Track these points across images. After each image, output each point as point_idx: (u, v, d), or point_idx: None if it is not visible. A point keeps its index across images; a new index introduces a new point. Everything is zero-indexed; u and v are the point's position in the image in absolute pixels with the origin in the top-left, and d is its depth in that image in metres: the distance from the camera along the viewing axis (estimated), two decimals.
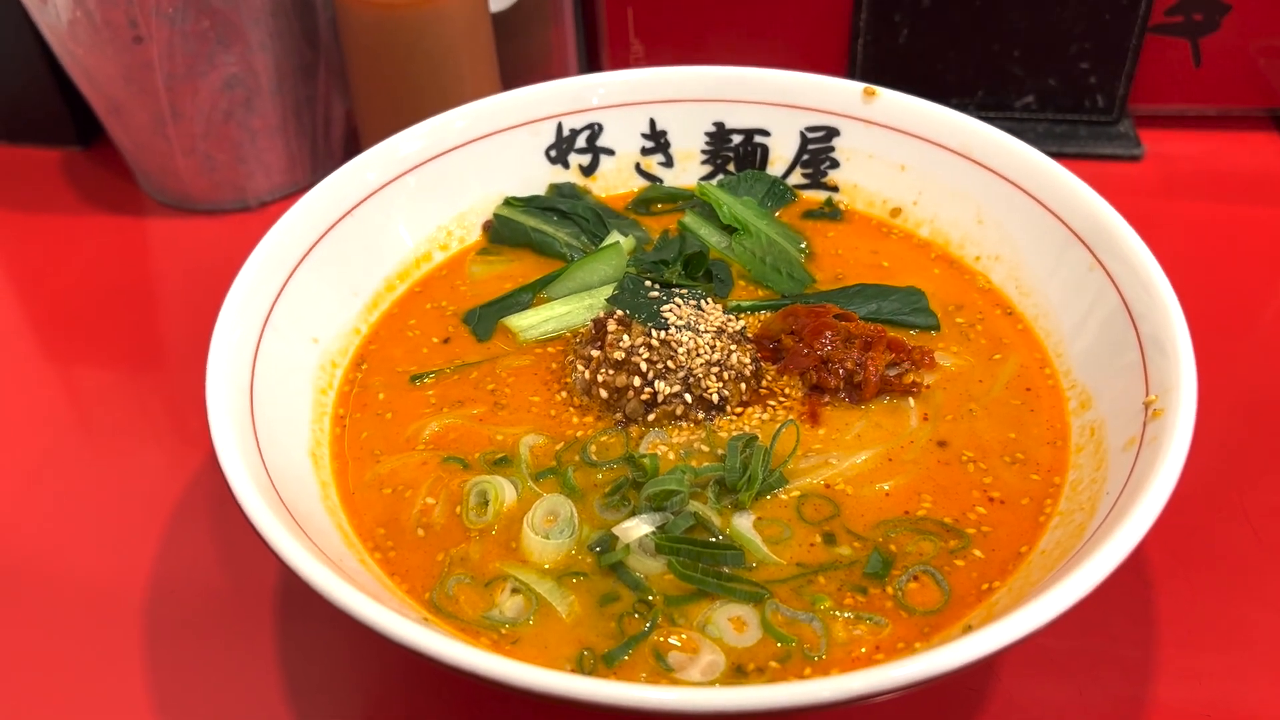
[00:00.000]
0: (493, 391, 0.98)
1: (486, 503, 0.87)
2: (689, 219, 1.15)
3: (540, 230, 1.13)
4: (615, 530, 0.82)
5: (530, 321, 1.03)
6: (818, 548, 0.83)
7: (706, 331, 0.94)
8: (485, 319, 1.05)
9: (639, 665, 0.75)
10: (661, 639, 0.76)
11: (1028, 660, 0.88)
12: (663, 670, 0.75)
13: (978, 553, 0.83)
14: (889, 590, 0.80)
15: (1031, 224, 1.04)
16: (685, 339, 0.93)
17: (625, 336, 0.94)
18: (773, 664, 0.75)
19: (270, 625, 0.93)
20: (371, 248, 1.07)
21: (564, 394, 0.97)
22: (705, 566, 0.79)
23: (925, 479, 0.88)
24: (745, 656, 0.76)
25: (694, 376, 0.92)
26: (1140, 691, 0.85)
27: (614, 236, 1.12)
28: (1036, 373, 0.98)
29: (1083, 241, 0.99)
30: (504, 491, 0.87)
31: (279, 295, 0.95)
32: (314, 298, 0.99)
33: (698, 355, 0.93)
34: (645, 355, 0.92)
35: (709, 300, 0.99)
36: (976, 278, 1.09)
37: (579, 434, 0.93)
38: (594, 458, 0.90)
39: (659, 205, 1.20)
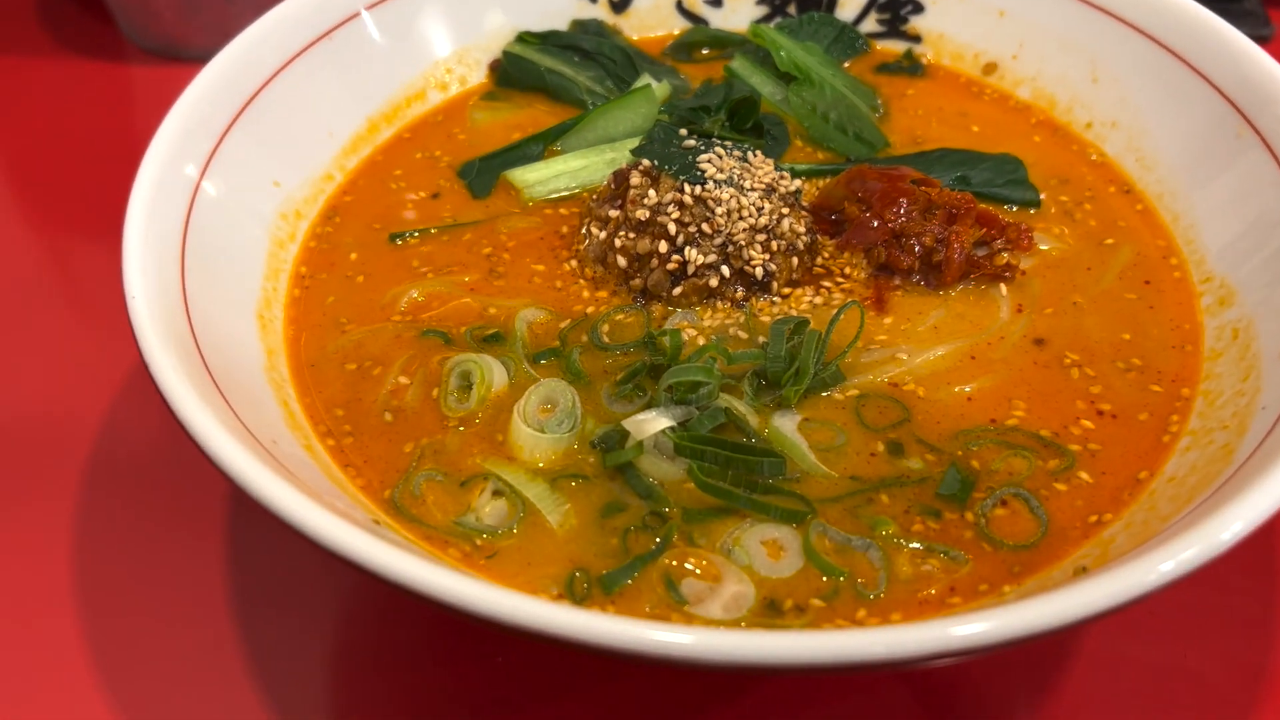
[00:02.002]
0: (488, 256, 0.84)
1: (470, 385, 0.73)
2: (738, 63, 1.00)
3: (557, 72, 0.98)
4: (626, 424, 0.68)
5: (539, 176, 0.89)
6: (879, 459, 0.69)
7: (753, 190, 0.77)
8: (485, 173, 0.92)
9: (644, 593, 0.63)
10: (675, 562, 0.64)
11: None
12: (674, 602, 0.63)
13: (1084, 476, 0.69)
14: (969, 516, 0.67)
15: (1162, 81, 0.89)
16: (726, 196, 0.76)
17: (651, 192, 0.77)
18: (815, 601, 0.63)
19: (219, 520, 0.79)
20: (353, 80, 0.93)
21: (574, 263, 0.82)
22: (736, 474, 0.67)
23: (1018, 383, 0.75)
24: (781, 590, 0.64)
25: (734, 244, 0.76)
26: (1262, 657, 0.73)
27: (645, 79, 0.95)
28: (1159, 263, 0.84)
29: (1230, 101, 0.84)
30: (492, 373, 0.73)
31: (230, 126, 0.81)
32: (278, 133, 0.85)
33: (740, 218, 0.76)
34: (674, 215, 0.76)
35: (757, 153, 0.80)
36: (1087, 148, 0.94)
37: (589, 310, 0.79)
38: (606, 339, 0.76)
39: (703, 51, 1.05)
